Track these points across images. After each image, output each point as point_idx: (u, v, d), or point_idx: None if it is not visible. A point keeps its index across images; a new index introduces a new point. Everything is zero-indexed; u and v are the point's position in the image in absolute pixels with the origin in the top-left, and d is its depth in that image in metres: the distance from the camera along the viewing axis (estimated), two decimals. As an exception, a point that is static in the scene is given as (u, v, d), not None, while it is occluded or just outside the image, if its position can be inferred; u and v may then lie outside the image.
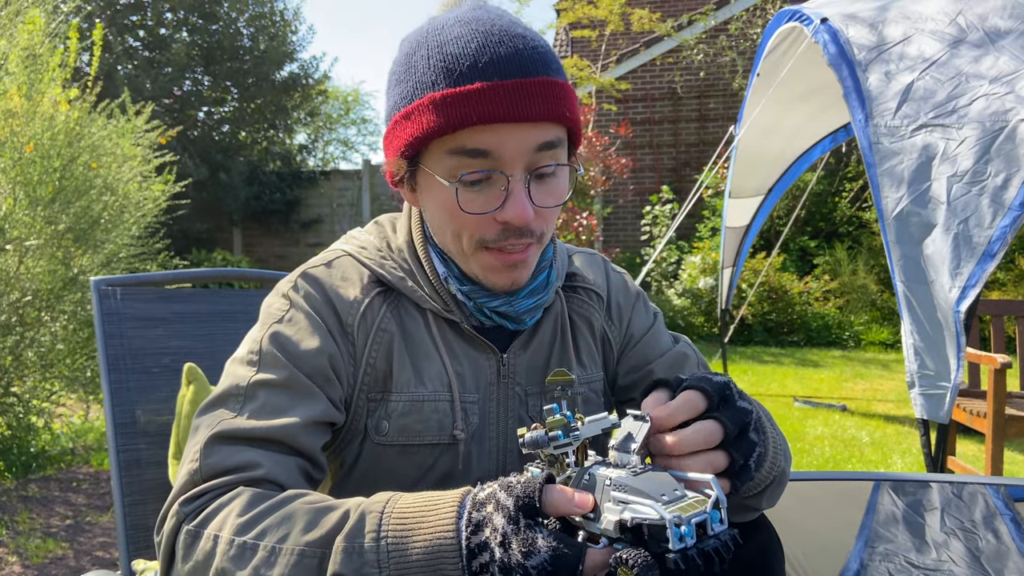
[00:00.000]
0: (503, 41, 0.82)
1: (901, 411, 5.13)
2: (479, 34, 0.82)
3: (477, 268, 0.89)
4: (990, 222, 2.58)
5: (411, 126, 0.83)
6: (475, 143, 0.80)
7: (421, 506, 0.66)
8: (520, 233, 0.85)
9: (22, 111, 3.59)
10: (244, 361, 0.86)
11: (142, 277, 1.42)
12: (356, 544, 0.65)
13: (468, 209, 0.83)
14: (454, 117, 0.79)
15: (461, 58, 0.81)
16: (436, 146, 0.83)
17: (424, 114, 0.81)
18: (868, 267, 8.23)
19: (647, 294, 1.13)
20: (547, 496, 0.63)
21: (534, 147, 0.82)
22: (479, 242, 0.86)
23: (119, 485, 1.28)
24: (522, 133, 0.81)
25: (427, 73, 0.82)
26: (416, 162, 0.87)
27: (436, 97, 0.80)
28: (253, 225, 11.60)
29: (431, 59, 0.82)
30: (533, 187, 0.84)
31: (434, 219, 0.90)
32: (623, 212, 9.83)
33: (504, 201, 0.82)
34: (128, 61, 10.34)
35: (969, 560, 0.82)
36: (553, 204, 0.86)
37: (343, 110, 17.43)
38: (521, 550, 0.60)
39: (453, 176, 0.83)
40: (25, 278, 3.72)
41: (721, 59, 9.36)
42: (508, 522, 0.62)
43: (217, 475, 0.77)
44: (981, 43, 2.93)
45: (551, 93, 0.82)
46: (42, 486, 3.61)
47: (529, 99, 0.80)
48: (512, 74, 0.80)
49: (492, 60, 0.80)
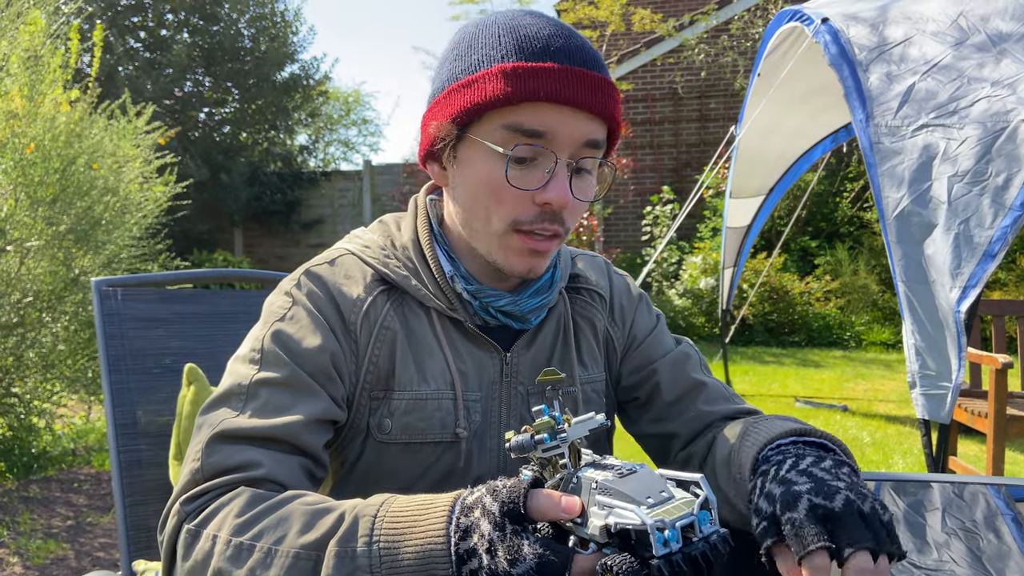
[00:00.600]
0: (573, 35, 0.86)
1: (902, 411, 5.12)
2: (550, 24, 0.86)
3: (500, 250, 0.89)
4: (991, 222, 2.58)
5: (473, 93, 0.84)
6: (535, 122, 0.82)
7: (413, 510, 0.66)
8: (553, 218, 0.86)
9: (23, 112, 3.59)
10: (246, 359, 0.86)
11: (143, 278, 1.42)
12: (349, 548, 0.65)
13: (514, 183, 0.84)
14: (523, 89, 0.81)
15: (535, 39, 0.84)
16: (493, 117, 0.84)
17: (490, 82, 0.83)
18: (869, 267, 8.23)
19: (648, 295, 1.13)
20: (533, 501, 0.62)
21: (584, 139, 0.84)
22: (512, 222, 0.86)
23: (120, 486, 1.28)
24: (577, 121, 0.83)
25: (497, 48, 0.85)
26: (465, 131, 0.87)
27: (507, 68, 0.82)
28: (254, 226, 11.60)
29: (502, 37, 0.85)
30: (572, 178, 0.86)
31: (467, 195, 0.89)
32: (624, 212, 9.82)
33: (548, 182, 0.84)
34: (129, 62, 10.35)
35: (971, 560, 0.82)
36: (585, 199, 0.88)
37: (344, 111, 17.43)
38: (507, 557, 0.60)
39: (507, 147, 0.84)
40: (26, 279, 3.72)
41: (722, 59, 9.36)
42: (494, 528, 0.62)
43: (218, 474, 0.78)
44: (983, 45, 2.93)
45: (609, 92, 0.85)
46: (43, 487, 3.62)
47: (593, 90, 0.83)
48: (580, 63, 0.84)
49: (564, 47, 0.84)
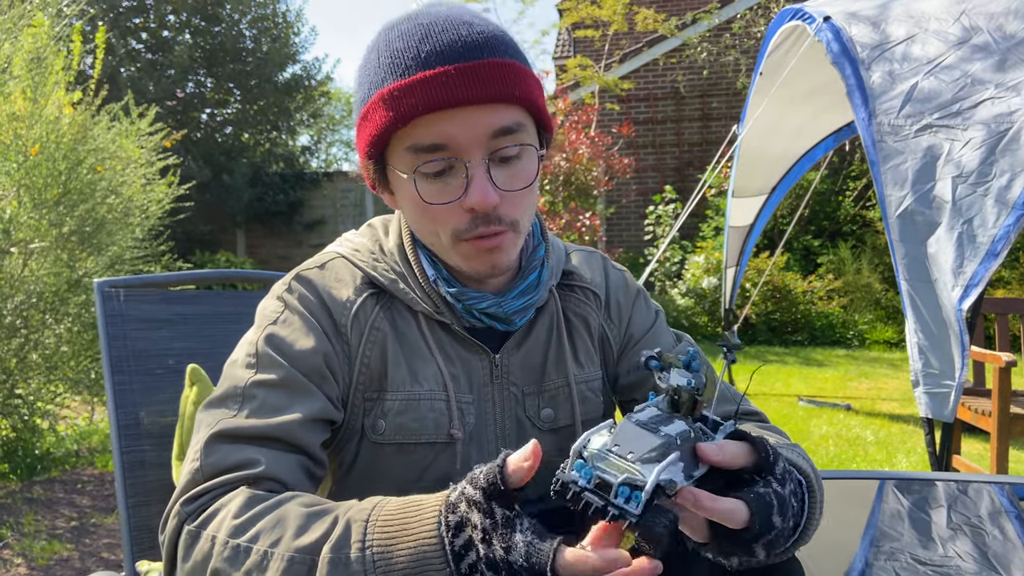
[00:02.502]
0: (446, 29, 0.82)
1: (906, 410, 5.12)
2: (422, 27, 0.83)
3: (458, 259, 0.89)
4: (994, 221, 2.58)
5: (369, 125, 0.85)
6: (428, 137, 0.81)
7: (404, 513, 0.67)
8: (488, 220, 0.84)
9: (27, 114, 3.60)
10: (242, 363, 0.87)
11: (146, 279, 1.42)
12: (342, 555, 0.66)
13: (432, 200, 0.84)
14: (403, 109, 0.80)
15: (405, 52, 0.82)
16: (396, 143, 0.84)
17: (377, 111, 0.83)
18: (872, 266, 8.21)
19: (650, 294, 1.12)
20: (507, 474, 0.64)
21: (489, 132, 0.82)
22: (453, 234, 0.86)
23: (123, 487, 1.28)
24: (473, 118, 0.81)
25: (377, 72, 0.84)
26: (382, 161, 0.88)
27: (384, 93, 0.82)
28: (256, 227, 11.62)
29: (380, 58, 0.84)
30: (496, 171, 0.84)
31: (410, 217, 0.91)
32: (626, 212, 9.82)
33: (466, 188, 0.83)
34: (131, 64, 10.37)
35: (975, 558, 0.82)
36: (520, 187, 0.86)
37: (346, 111, 17.46)
38: (502, 545, 0.61)
39: (411, 170, 0.84)
40: (30, 280, 3.73)
41: (724, 58, 9.35)
42: (484, 516, 0.63)
43: (218, 474, 0.78)
44: (987, 46, 2.92)
45: (497, 74, 0.81)
46: (47, 488, 3.62)
47: (472, 82, 0.80)
48: (454, 59, 0.80)
49: (433, 49, 0.81)
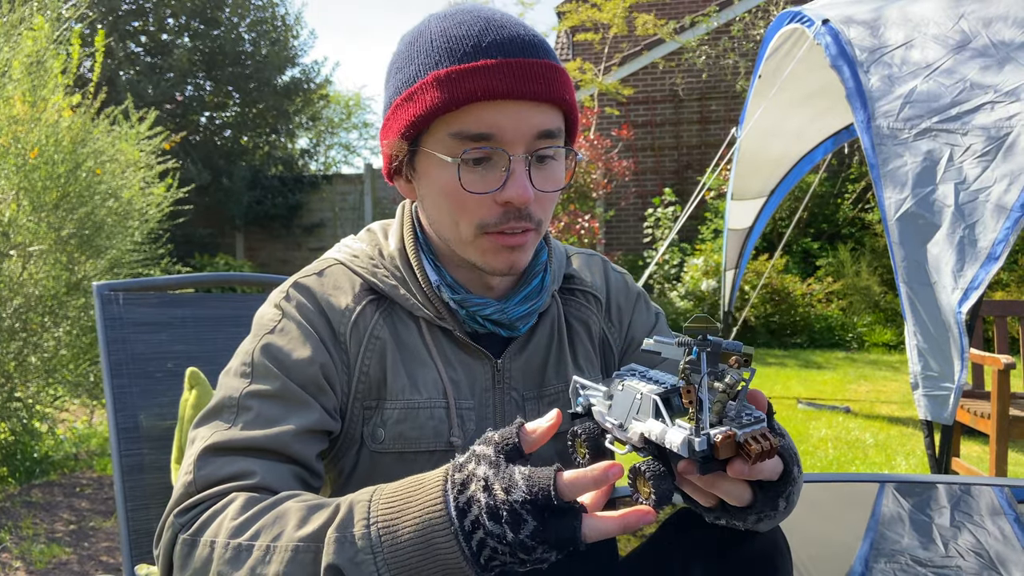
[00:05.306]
0: (505, 25, 0.84)
1: (905, 412, 5.12)
2: (481, 19, 0.84)
3: (476, 253, 0.88)
4: (993, 225, 2.58)
5: (414, 106, 0.84)
6: (478, 126, 0.81)
7: (407, 488, 0.67)
8: (519, 215, 0.85)
9: (26, 117, 3.60)
10: (237, 373, 0.86)
11: (144, 282, 1.42)
12: (348, 534, 0.65)
13: (470, 188, 0.83)
14: (459, 93, 0.80)
15: (465, 39, 0.82)
16: (439, 127, 0.84)
17: (428, 92, 0.82)
18: (871, 269, 8.22)
19: (650, 296, 1.12)
20: (524, 434, 0.67)
21: (535, 132, 0.83)
22: (479, 226, 0.86)
23: (122, 490, 1.28)
24: (524, 113, 0.82)
25: (431, 55, 0.83)
26: (416, 144, 0.87)
27: (440, 75, 0.81)
28: (255, 229, 11.62)
29: (434, 42, 0.84)
30: (533, 171, 0.84)
31: (433, 206, 0.90)
32: (625, 215, 9.83)
33: (505, 181, 0.83)
34: (130, 67, 10.38)
35: (974, 561, 0.82)
36: (552, 189, 0.87)
37: (344, 114, 17.47)
38: (503, 487, 0.62)
39: (455, 155, 0.83)
40: (29, 284, 3.73)
41: (723, 61, 9.36)
42: (489, 467, 0.64)
43: (211, 485, 0.78)
44: (986, 51, 2.93)
45: (553, 76, 0.83)
46: (46, 491, 3.62)
47: (532, 78, 0.81)
48: (515, 53, 0.82)
49: (496, 40, 0.82)
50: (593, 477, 0.63)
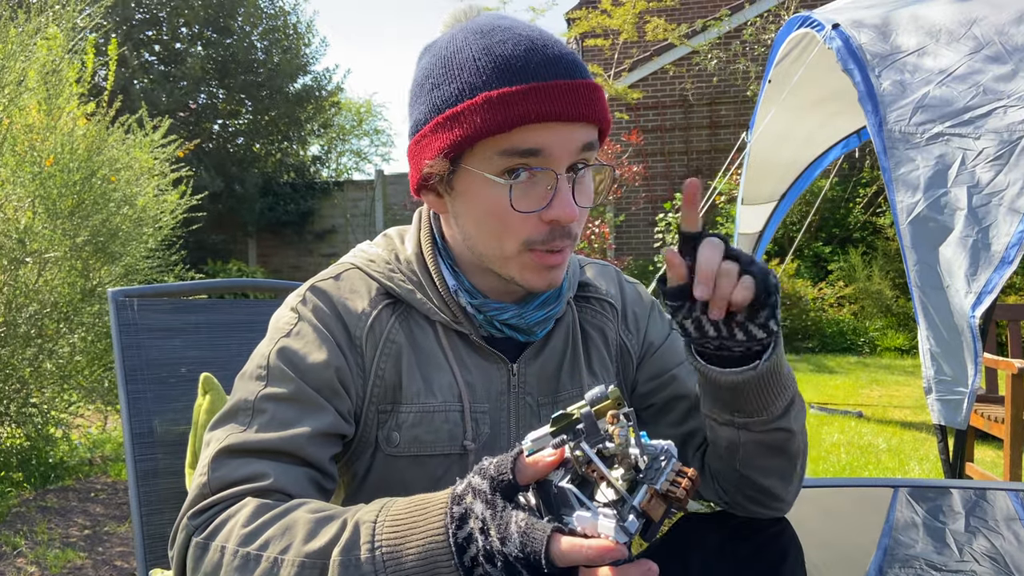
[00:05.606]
0: (548, 45, 0.84)
1: (918, 417, 5.08)
2: (524, 38, 0.84)
3: (516, 269, 0.88)
4: (1007, 229, 2.57)
5: (460, 127, 0.83)
6: (529, 142, 0.82)
7: (412, 511, 0.67)
8: (564, 233, 0.86)
9: (41, 126, 3.64)
10: (253, 376, 0.87)
11: (159, 288, 1.43)
12: (353, 557, 0.66)
13: (519, 208, 0.83)
14: (512, 115, 0.80)
15: (512, 59, 0.82)
16: (485, 146, 0.83)
17: (478, 113, 0.82)
18: (883, 273, 8.17)
19: (659, 302, 1.13)
20: (520, 466, 0.63)
21: (578, 148, 0.84)
22: (525, 243, 0.86)
23: (136, 495, 1.29)
24: (570, 132, 0.83)
25: (477, 74, 0.83)
26: (458, 162, 0.86)
27: (493, 96, 0.81)
28: (268, 236, 11.68)
29: (478, 61, 0.83)
30: (575, 187, 0.85)
31: (473, 223, 0.89)
32: (635, 220, 9.81)
33: (551, 200, 0.83)
34: (144, 75, 10.46)
35: (989, 566, 0.82)
36: (587, 204, 0.88)
37: (356, 121, 17.54)
38: (498, 536, 0.61)
39: (501, 173, 0.83)
40: (44, 290, 3.76)
41: (734, 66, 9.35)
42: (486, 507, 0.62)
43: (225, 487, 0.78)
44: (999, 56, 2.92)
45: (594, 95, 0.84)
46: (60, 496, 3.64)
47: (579, 99, 0.82)
48: (561, 75, 0.82)
49: (543, 61, 0.82)
50: (586, 555, 0.58)
